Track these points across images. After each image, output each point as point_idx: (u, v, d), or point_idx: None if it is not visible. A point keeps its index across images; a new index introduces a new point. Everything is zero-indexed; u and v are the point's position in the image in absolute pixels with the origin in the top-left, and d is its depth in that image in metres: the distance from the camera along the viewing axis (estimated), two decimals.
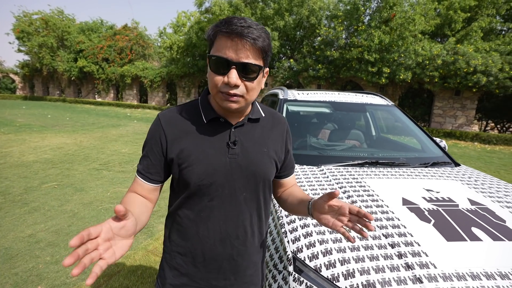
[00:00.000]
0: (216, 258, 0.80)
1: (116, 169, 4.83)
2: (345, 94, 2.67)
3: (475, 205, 1.33)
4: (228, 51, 0.67)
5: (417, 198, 1.34)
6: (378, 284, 0.88)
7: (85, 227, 2.81)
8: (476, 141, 10.07)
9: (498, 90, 9.83)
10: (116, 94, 21.68)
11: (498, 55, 9.70)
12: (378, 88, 11.89)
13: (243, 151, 0.78)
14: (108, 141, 7.24)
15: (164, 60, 19.33)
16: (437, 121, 11.44)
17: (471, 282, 0.89)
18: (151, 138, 0.79)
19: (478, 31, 10.58)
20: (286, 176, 0.94)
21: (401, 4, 10.45)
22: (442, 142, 2.25)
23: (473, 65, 9.53)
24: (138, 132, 9.03)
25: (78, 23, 23.47)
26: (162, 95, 18.63)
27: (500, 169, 6.35)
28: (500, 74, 9.44)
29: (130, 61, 20.17)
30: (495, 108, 12.23)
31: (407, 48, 10.37)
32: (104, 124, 10.67)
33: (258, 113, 0.85)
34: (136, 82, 19.55)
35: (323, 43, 12.11)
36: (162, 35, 22.12)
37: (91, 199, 3.52)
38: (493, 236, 1.11)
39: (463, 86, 10.14)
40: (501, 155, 8.25)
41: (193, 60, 16.37)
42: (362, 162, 1.78)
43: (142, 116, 14.37)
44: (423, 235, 1.07)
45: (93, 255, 0.47)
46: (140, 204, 0.75)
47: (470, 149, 8.90)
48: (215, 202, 0.77)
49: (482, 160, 7.32)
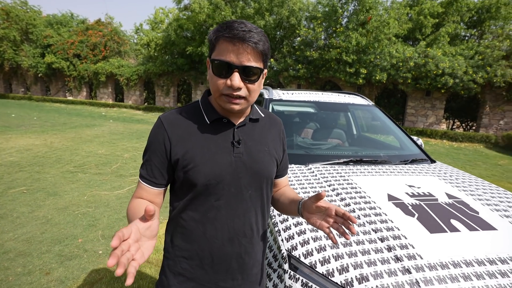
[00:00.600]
0: (225, 258, 0.80)
1: (93, 171, 4.61)
2: (329, 94, 2.75)
3: (452, 198, 1.42)
4: (230, 55, 0.69)
5: (401, 194, 1.41)
6: (371, 276, 0.92)
7: (61, 234, 2.66)
8: (445, 139, 10.75)
9: (463, 92, 10.56)
10: (89, 92, 20.62)
11: (463, 59, 10.42)
12: (355, 88, 12.32)
13: (247, 150, 0.80)
14: (82, 142, 6.89)
15: (141, 57, 18.67)
16: (410, 120, 12.07)
17: (453, 270, 0.96)
18: (154, 141, 0.79)
19: (445, 36, 11.28)
20: (281, 176, 0.97)
21: (376, 8, 10.89)
22: (419, 140, 2.39)
23: (441, 67, 10.16)
24: (115, 132, 8.67)
25: (45, 15, 21.97)
26: (140, 94, 18.01)
27: (465, 164, 6.83)
28: (464, 77, 10.15)
29: (104, 58, 19.26)
30: (460, 108, 13.17)
31: (382, 50, 10.83)
32: (77, 124, 10.13)
33: (257, 113, 0.88)
34: (111, 80, 18.72)
35: (303, 44, 12.32)
36: (139, 32, 21.35)
37: (66, 204, 3.34)
38: (469, 227, 1.19)
39: (433, 87, 10.78)
40: (466, 151, 8.88)
41: (171, 58, 15.97)
42: (347, 160, 1.84)
43: (118, 116, 13.80)
44: (408, 228, 1.14)
45: (128, 255, 0.48)
46: (138, 207, 0.74)
47: (439, 146, 9.49)
48: (222, 201, 0.77)
49: (450, 156, 7.84)
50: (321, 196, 0.70)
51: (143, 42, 16.28)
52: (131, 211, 0.75)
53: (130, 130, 9.33)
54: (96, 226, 2.85)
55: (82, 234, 2.69)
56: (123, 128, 9.79)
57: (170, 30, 14.54)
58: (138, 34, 19.63)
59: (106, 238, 2.65)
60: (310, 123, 2.90)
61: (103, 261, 2.30)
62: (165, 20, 18.15)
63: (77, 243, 2.54)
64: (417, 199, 1.38)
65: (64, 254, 2.36)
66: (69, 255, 2.35)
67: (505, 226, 1.24)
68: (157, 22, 17.84)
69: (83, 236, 2.65)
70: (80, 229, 2.78)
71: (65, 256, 2.34)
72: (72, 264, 2.24)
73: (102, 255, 2.38)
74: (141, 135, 8.42)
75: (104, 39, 19.26)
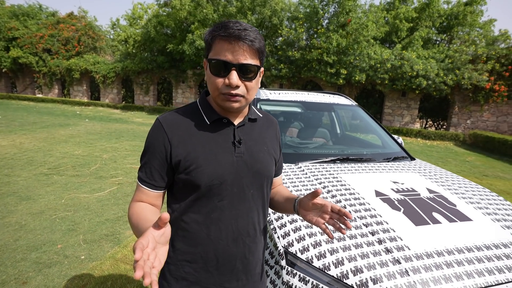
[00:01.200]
0: (230, 259, 0.80)
1: (70, 173, 4.39)
2: (314, 94, 2.81)
3: (432, 193, 1.52)
4: (227, 53, 0.70)
5: (387, 190, 1.49)
6: (365, 268, 0.97)
7: (37, 240, 2.52)
8: (419, 137, 11.34)
9: (435, 93, 11.20)
10: (62, 90, 19.53)
11: (435, 62, 11.05)
12: (336, 88, 12.66)
13: (248, 149, 0.81)
14: (56, 143, 6.53)
15: (118, 54, 17.96)
16: (387, 119, 12.60)
17: (437, 259, 1.04)
18: (153, 143, 0.77)
19: (419, 39, 11.88)
20: (277, 175, 0.98)
21: (355, 11, 11.25)
22: (399, 138, 2.51)
23: (416, 69, 10.70)
24: (91, 132, 8.30)
25: (9, 5, 20.42)
26: (117, 92, 17.33)
27: (438, 161, 7.26)
28: (436, 79, 10.77)
29: (78, 54, 18.30)
30: (433, 108, 13.97)
31: (362, 51, 11.21)
32: (49, 123, 9.57)
33: (255, 113, 0.89)
34: (86, 77, 17.85)
35: (285, 44, 12.46)
36: (115, 27, 20.52)
37: (42, 208, 3.16)
38: (449, 219, 1.29)
39: (408, 88, 11.33)
40: (438, 149, 9.43)
41: (151, 55, 15.52)
42: (335, 159, 1.91)
43: (94, 115, 13.21)
44: (396, 222, 1.21)
45: (149, 264, 0.49)
46: (152, 212, 0.74)
47: (414, 144, 10.00)
48: (225, 201, 0.77)
49: (424, 153, 8.29)
50: (318, 193, 0.73)
51: (121, 38, 15.69)
52: (134, 216, 0.74)
53: (108, 130, 8.97)
54: (77, 231, 2.73)
55: (62, 239, 2.57)
56: (100, 127, 9.39)
57: (150, 26, 14.11)
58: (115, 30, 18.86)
59: (88, 242, 2.54)
60: (294, 122, 2.96)
61: (86, 266, 2.21)
62: (144, 16, 17.59)
63: (56, 249, 2.42)
64: (402, 194, 1.46)
65: (42, 261, 2.24)
66: (48, 262, 2.23)
67: (479, 217, 1.34)
68: (136, 18, 17.26)
69: (62, 242, 2.53)
70: (58, 234, 2.65)
71: (43, 263, 2.21)
72: (52, 271, 2.13)
73: (84, 260, 2.28)
74: (120, 135, 8.13)
75: (77, 33, 18.29)
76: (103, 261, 2.27)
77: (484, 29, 12.65)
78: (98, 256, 2.34)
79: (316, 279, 0.98)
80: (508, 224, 1.33)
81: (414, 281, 0.94)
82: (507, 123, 11.61)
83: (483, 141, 9.83)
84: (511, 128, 11.55)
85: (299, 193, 1.43)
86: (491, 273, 1.01)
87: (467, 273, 0.99)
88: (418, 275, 0.96)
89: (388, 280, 0.94)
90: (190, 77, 14.91)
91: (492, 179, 5.75)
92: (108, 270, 2.17)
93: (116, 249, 2.45)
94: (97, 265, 2.21)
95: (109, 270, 2.16)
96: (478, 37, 12.01)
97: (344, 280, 0.95)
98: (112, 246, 2.50)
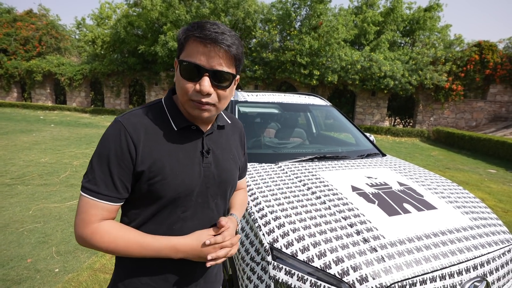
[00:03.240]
0: (190, 268, 0.76)
1: (36, 183, 4.11)
2: (290, 95, 2.90)
3: (403, 186, 1.65)
4: (200, 57, 0.64)
5: (362, 185, 1.59)
6: (346, 258, 1.04)
7: (2, 256, 2.33)
8: (388, 134, 12.02)
9: (402, 92, 11.96)
10: (22, 93, 18.11)
11: (400, 63, 11.79)
12: (309, 89, 13.03)
13: (215, 159, 0.77)
14: (19, 150, 6.06)
15: (85, 55, 17.03)
16: (359, 118, 13.21)
17: (408, 245, 1.14)
18: (115, 148, 0.66)
19: (385, 42, 12.62)
20: (239, 179, 0.95)
21: (326, 14, 11.68)
22: (371, 136, 2.67)
23: (383, 70, 11.35)
24: (58, 138, 7.80)
25: None
26: (86, 95, 16.41)
27: (406, 156, 7.75)
28: (402, 79, 11.50)
29: (39, 55, 17.07)
30: (400, 106, 14.90)
31: (333, 53, 11.66)
32: (9, 129, 8.84)
33: (223, 119, 0.85)
34: (50, 80, 16.70)
35: (259, 45, 12.61)
36: (81, 27, 19.44)
37: (6, 221, 2.93)
38: (418, 208, 1.41)
39: (377, 88, 11.98)
40: (406, 145, 10.06)
41: (121, 57, 14.91)
42: (313, 157, 1.99)
43: (61, 119, 12.41)
44: (371, 214, 1.30)
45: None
46: (125, 229, 0.70)
47: (384, 141, 10.57)
48: (188, 212, 0.73)
49: (394, 150, 8.80)
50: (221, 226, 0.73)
51: (88, 39, 14.90)
52: (116, 243, 0.66)
53: (77, 135, 8.49)
54: (48, 243, 2.57)
55: (31, 253, 2.40)
56: (68, 133, 8.85)
57: (119, 27, 13.57)
58: (81, 30, 17.85)
59: (62, 254, 2.41)
60: (272, 123, 3.02)
61: (60, 279, 2.09)
62: (112, 16, 16.84)
63: (26, 263, 2.26)
64: (376, 188, 1.56)
65: (10, 278, 2.08)
66: (17, 279, 2.08)
67: (443, 205, 1.48)
68: (103, 17, 16.47)
69: (32, 256, 2.37)
70: (27, 248, 2.48)
71: (11, 280, 2.06)
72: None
73: (59, 273, 2.16)
74: (91, 140, 7.73)
75: (38, 33, 17.07)
76: (79, 272, 2.16)
77: (441, 33, 13.73)
78: (74, 268, 2.22)
79: (301, 272, 1.03)
80: (467, 210, 1.49)
81: (390, 266, 1.03)
82: (464, 119, 12.69)
83: (445, 137, 10.66)
84: (467, 124, 12.65)
85: (281, 191, 1.48)
86: (453, 254, 1.13)
87: (434, 256, 1.10)
88: (392, 261, 1.05)
89: (366, 267, 1.02)
90: (163, 79, 14.55)
91: (453, 171, 6.26)
92: (86, 281, 2.07)
93: (94, 258, 2.35)
94: (74, 277, 2.11)
95: (87, 282, 2.07)
96: (437, 41, 13.03)
97: (327, 270, 1.01)
98: (89, 256, 2.39)
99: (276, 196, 1.43)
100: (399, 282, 1.00)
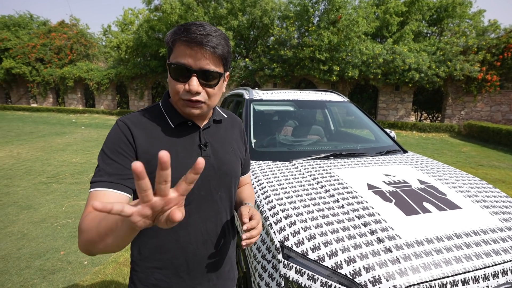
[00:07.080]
0: (200, 262, 0.78)
1: (69, 181, 4.40)
2: (306, 92, 2.86)
3: (423, 184, 1.57)
4: (188, 59, 0.68)
5: (378, 183, 1.53)
6: (358, 258, 1.01)
7: (40, 248, 2.54)
8: (414, 130, 11.45)
9: (428, 85, 11.30)
10: (56, 98, 19.43)
11: (426, 55, 11.15)
12: (329, 85, 12.72)
13: (214, 151, 0.80)
14: (54, 151, 6.52)
15: (111, 60, 17.91)
16: (382, 113, 12.69)
17: (427, 246, 1.08)
18: (117, 141, 0.70)
19: (409, 33, 11.98)
20: (243, 174, 0.97)
21: (345, 7, 11.31)
22: (392, 132, 2.56)
23: (408, 63, 10.79)
24: (88, 140, 8.29)
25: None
26: (112, 98, 17.27)
27: (434, 153, 7.34)
28: (429, 71, 10.87)
29: (71, 62, 18.21)
30: (427, 100, 14.09)
31: (353, 47, 11.28)
32: (46, 132, 9.54)
33: (220, 114, 0.88)
34: (80, 85, 17.78)
35: (277, 43, 12.51)
36: (107, 34, 20.43)
37: (43, 217, 3.18)
38: (439, 208, 1.33)
39: (401, 82, 11.42)
40: (433, 141, 9.52)
41: (144, 60, 15.50)
42: (328, 155, 1.95)
43: (90, 122, 13.18)
44: (387, 213, 1.25)
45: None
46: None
47: (410, 138, 10.09)
48: (192, 205, 0.75)
49: (420, 146, 8.37)
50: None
51: (113, 45, 15.63)
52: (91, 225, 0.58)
53: (104, 136, 8.93)
54: None
55: (64, 246, 2.59)
56: (97, 134, 9.38)
57: (141, 31, 14.10)
58: (107, 36, 18.77)
59: None
60: (289, 121, 2.99)
61: (89, 271, 2.24)
62: (135, 21, 17.55)
63: (60, 255, 2.44)
64: (393, 186, 1.50)
65: (46, 268, 2.27)
66: (52, 269, 2.26)
67: (468, 204, 1.39)
68: (127, 23, 17.21)
69: (65, 248, 2.55)
70: (61, 241, 2.67)
71: (47, 270, 2.24)
72: (56, 277, 2.15)
73: (87, 265, 2.31)
74: None
75: (69, 42, 18.21)
76: (105, 265, 2.30)
77: (473, 20, 12.78)
78: (100, 261, 2.37)
79: (312, 271, 1.02)
80: (496, 210, 1.38)
81: (405, 268, 0.98)
82: (500, 112, 11.75)
83: (478, 131, 9.95)
84: (505, 117, 11.70)
85: (294, 189, 1.47)
86: (478, 257, 1.06)
87: (456, 258, 1.04)
88: (408, 262, 1.00)
89: (380, 268, 0.98)
90: None
91: (487, 168, 5.83)
92: (111, 274, 2.20)
93: (119, 253, 2.48)
94: (100, 270, 2.24)
95: (112, 274, 2.19)
96: (468, 28, 12.13)
97: (338, 270, 0.99)
98: None
99: (288, 194, 1.42)
100: (415, 285, 0.95)
